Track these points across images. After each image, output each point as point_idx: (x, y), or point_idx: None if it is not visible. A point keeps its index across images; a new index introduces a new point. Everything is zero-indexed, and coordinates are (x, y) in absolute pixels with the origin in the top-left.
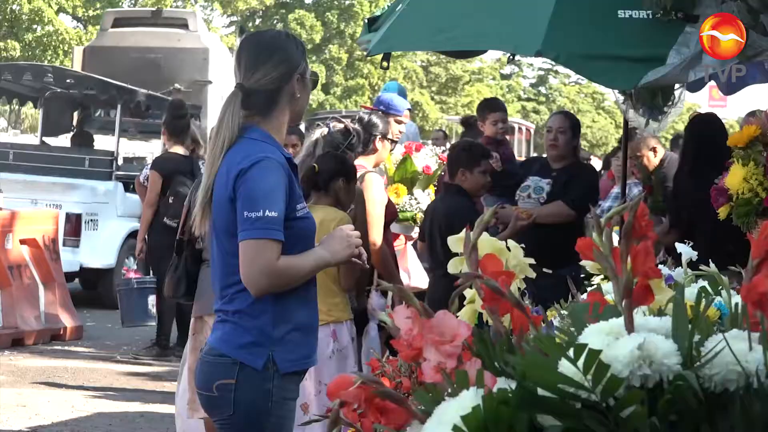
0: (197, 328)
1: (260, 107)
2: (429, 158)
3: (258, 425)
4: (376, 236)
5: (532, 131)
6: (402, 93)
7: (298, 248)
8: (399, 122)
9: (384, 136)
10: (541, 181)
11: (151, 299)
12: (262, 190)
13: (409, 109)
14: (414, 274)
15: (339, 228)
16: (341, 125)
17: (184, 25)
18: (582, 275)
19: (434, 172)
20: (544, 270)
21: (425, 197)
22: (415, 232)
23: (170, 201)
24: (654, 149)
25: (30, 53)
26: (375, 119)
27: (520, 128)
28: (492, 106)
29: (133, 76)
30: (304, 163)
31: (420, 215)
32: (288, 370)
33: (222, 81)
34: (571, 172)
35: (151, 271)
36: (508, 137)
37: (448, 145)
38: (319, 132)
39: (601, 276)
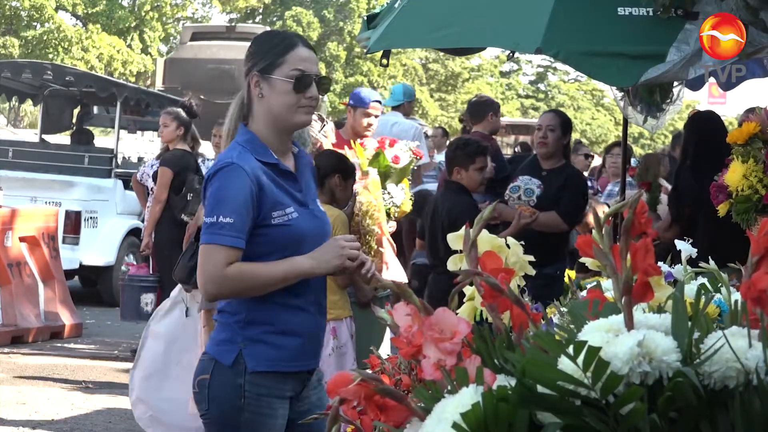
0: (207, 320)
1: (248, 107)
2: (402, 152)
3: (232, 420)
4: None
5: None
6: (408, 93)
7: (275, 256)
8: (368, 114)
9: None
10: (531, 182)
11: (148, 297)
12: (219, 196)
13: (377, 101)
14: (391, 267)
15: (334, 237)
16: (331, 123)
17: None
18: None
19: (406, 165)
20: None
21: (399, 192)
22: (392, 226)
23: (189, 198)
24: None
25: (30, 51)
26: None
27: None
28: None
29: (209, 85)
30: None
31: (394, 210)
32: (257, 369)
33: None
34: (563, 177)
35: (151, 268)
36: (514, 137)
37: (447, 143)
38: (315, 130)
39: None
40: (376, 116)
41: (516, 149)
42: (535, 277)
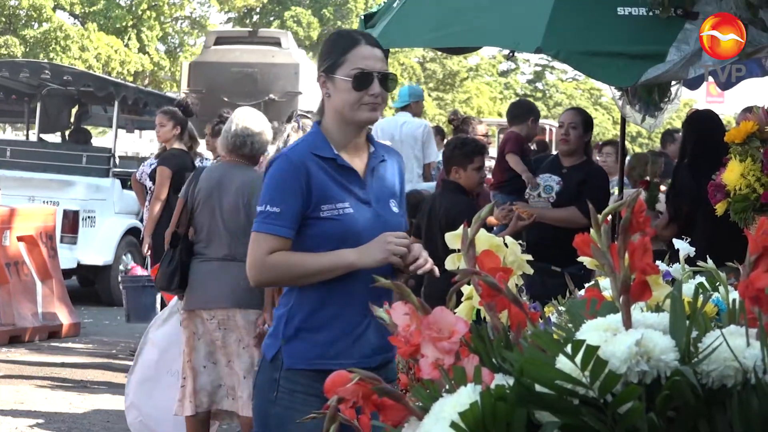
0: (188, 322)
1: (322, 106)
2: None
3: (264, 412)
4: None
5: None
6: (414, 94)
7: (323, 248)
8: None
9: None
10: (551, 179)
11: (153, 297)
12: (269, 186)
13: None
14: None
15: (384, 233)
16: (309, 120)
17: (278, 43)
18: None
19: None
20: (553, 268)
21: None
22: None
23: None
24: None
25: (29, 50)
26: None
27: (551, 129)
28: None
29: (233, 87)
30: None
31: None
32: (293, 367)
33: (310, 92)
34: (583, 173)
35: (149, 267)
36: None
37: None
38: (290, 127)
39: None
40: None
41: (532, 147)
42: (559, 277)
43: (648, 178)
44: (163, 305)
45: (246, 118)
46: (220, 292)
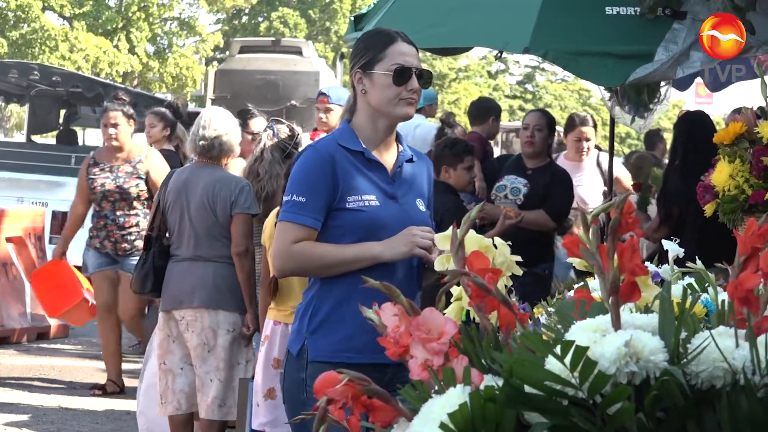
0: (164, 323)
1: (353, 104)
2: None
3: (297, 414)
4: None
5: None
6: (427, 97)
7: (348, 239)
8: (317, 109)
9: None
10: (517, 181)
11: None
12: (295, 176)
13: (323, 94)
14: None
15: (410, 226)
16: (284, 126)
17: (299, 52)
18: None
19: None
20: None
21: None
22: None
23: None
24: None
25: (17, 50)
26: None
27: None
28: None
29: (256, 94)
30: (252, 168)
31: None
32: (316, 359)
33: None
34: (548, 175)
35: None
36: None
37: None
38: (266, 135)
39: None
40: (326, 110)
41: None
42: (523, 276)
43: (644, 179)
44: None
45: (213, 119)
46: (187, 292)
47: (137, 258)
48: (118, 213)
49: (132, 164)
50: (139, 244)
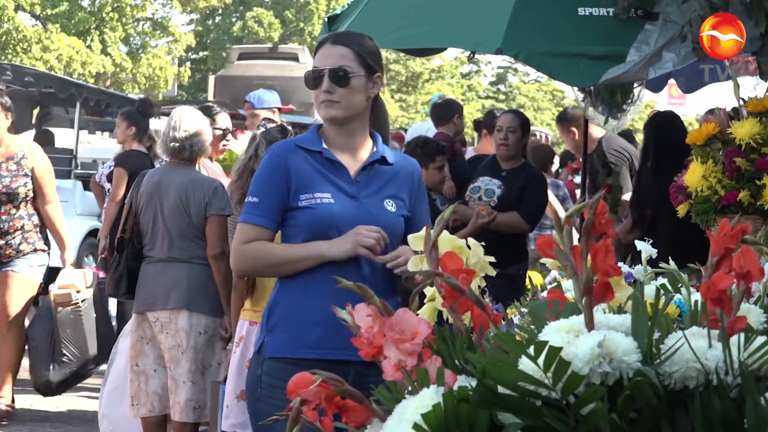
0: (137, 325)
1: None
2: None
3: (252, 409)
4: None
5: (550, 137)
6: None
7: (301, 237)
8: (252, 115)
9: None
10: (492, 183)
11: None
12: (254, 179)
13: (246, 101)
14: None
15: (358, 225)
16: (276, 123)
17: (296, 59)
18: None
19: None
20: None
21: None
22: None
23: None
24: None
25: None
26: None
27: (541, 136)
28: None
29: None
30: (246, 165)
31: None
32: (273, 356)
33: None
34: (523, 177)
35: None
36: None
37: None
38: (260, 133)
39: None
40: (252, 116)
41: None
42: (496, 277)
43: (614, 181)
44: (121, 308)
45: (183, 120)
46: (161, 293)
47: (25, 258)
48: (3, 218)
49: (15, 161)
50: (25, 247)
